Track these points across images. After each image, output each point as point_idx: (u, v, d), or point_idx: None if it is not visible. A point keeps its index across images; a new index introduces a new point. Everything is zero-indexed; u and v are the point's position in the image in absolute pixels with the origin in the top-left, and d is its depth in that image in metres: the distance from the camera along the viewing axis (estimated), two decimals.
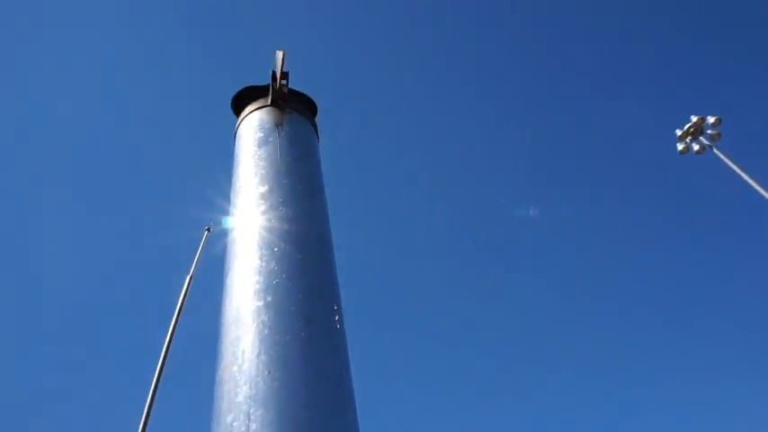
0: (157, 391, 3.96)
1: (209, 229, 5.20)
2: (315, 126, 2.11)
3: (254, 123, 1.98)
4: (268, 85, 2.09)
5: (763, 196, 13.38)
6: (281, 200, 1.64)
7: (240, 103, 2.16)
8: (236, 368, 1.22)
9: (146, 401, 3.91)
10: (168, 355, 4.15)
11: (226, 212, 1.80)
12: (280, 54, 2.11)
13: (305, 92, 2.19)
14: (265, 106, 2.04)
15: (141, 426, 3.77)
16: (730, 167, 14.31)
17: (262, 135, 1.91)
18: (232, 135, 2.08)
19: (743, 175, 13.96)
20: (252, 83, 2.17)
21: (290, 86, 2.11)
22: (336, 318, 1.39)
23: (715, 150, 14.87)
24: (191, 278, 4.76)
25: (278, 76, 2.07)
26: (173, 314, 4.44)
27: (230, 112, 2.17)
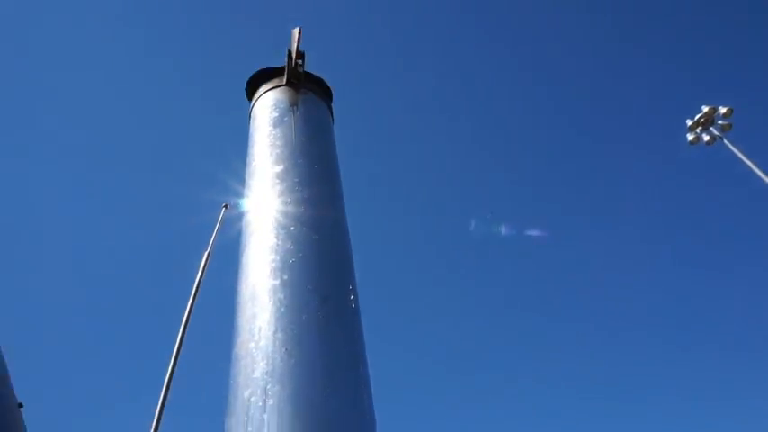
0: (177, 366, 4.04)
1: (226, 206, 5.24)
2: (330, 107, 2.10)
3: (268, 103, 1.97)
4: (282, 67, 2.06)
5: None
6: (296, 180, 1.64)
7: (255, 87, 2.14)
8: (252, 344, 1.24)
9: (165, 376, 3.99)
10: (186, 331, 4.23)
11: (241, 191, 1.81)
12: (296, 32, 2.07)
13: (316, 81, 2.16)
14: (280, 86, 2.01)
15: (161, 399, 3.85)
16: (740, 159, 13.98)
17: (277, 115, 1.90)
18: (247, 115, 2.07)
19: (753, 167, 13.64)
20: (267, 65, 2.14)
21: (305, 70, 2.09)
22: (352, 297, 1.40)
23: (725, 141, 14.54)
24: (208, 255, 4.81)
25: (293, 55, 2.05)
26: (190, 291, 4.50)
27: (244, 91, 2.16)
